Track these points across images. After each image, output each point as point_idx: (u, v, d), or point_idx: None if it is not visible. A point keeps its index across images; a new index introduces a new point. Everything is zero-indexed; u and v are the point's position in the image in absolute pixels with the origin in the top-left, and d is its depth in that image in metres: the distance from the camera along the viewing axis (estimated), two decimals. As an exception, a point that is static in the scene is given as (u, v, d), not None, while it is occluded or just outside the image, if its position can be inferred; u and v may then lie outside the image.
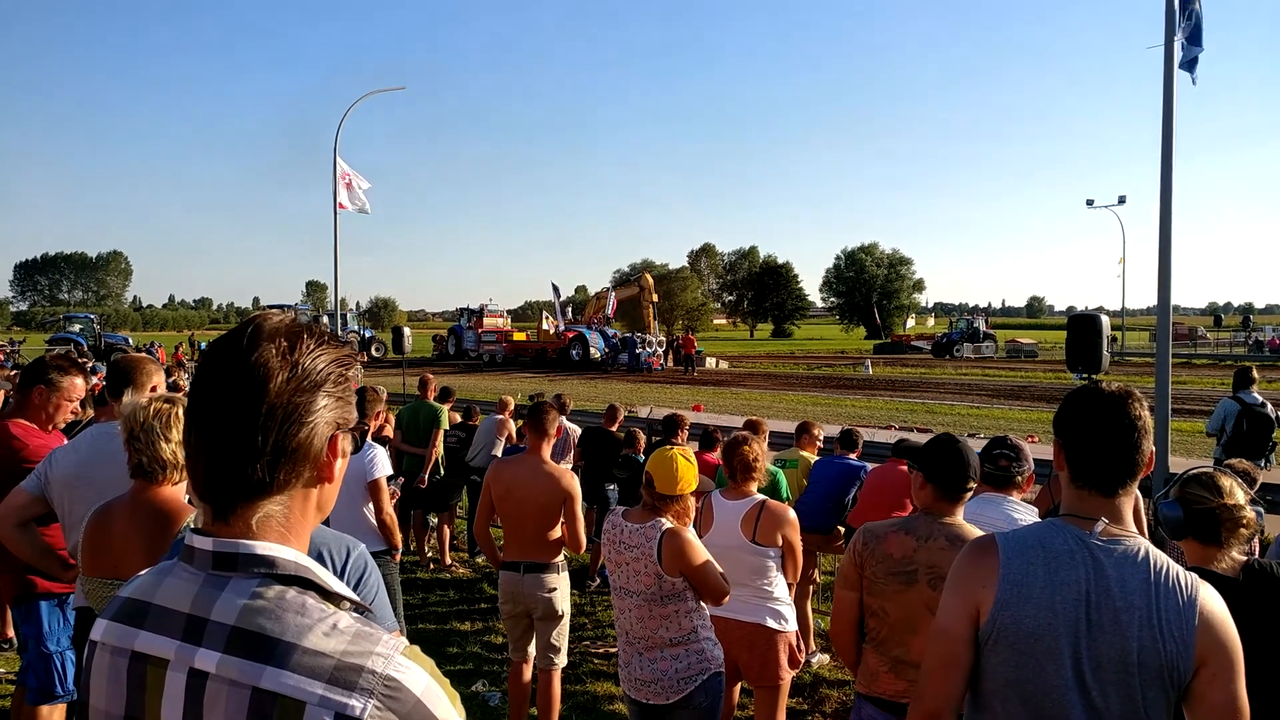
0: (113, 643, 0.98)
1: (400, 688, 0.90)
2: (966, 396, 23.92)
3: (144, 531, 2.28)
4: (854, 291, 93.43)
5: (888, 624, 2.71)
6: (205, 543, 0.97)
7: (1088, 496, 1.71)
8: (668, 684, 3.04)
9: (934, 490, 2.73)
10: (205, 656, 0.92)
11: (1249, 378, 8.63)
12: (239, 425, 0.95)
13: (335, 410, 1.02)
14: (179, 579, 0.98)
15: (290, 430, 0.97)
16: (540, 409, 4.45)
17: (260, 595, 0.94)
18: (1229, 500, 2.32)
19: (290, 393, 0.97)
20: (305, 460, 0.99)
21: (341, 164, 18.18)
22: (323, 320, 36.00)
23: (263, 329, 0.99)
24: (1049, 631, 1.61)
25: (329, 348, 1.02)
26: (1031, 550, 1.68)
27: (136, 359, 3.24)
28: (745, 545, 3.49)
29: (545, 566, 4.23)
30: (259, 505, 0.98)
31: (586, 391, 24.16)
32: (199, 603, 0.94)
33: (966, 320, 52.30)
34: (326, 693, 0.88)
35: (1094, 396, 1.75)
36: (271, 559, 0.96)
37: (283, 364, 0.97)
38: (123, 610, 1.00)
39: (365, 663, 0.90)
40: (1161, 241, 6.77)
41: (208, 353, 1.02)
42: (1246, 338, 49.51)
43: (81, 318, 43.29)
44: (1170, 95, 6.67)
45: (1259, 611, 2.22)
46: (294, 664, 0.89)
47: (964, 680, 1.71)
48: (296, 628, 0.91)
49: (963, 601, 1.71)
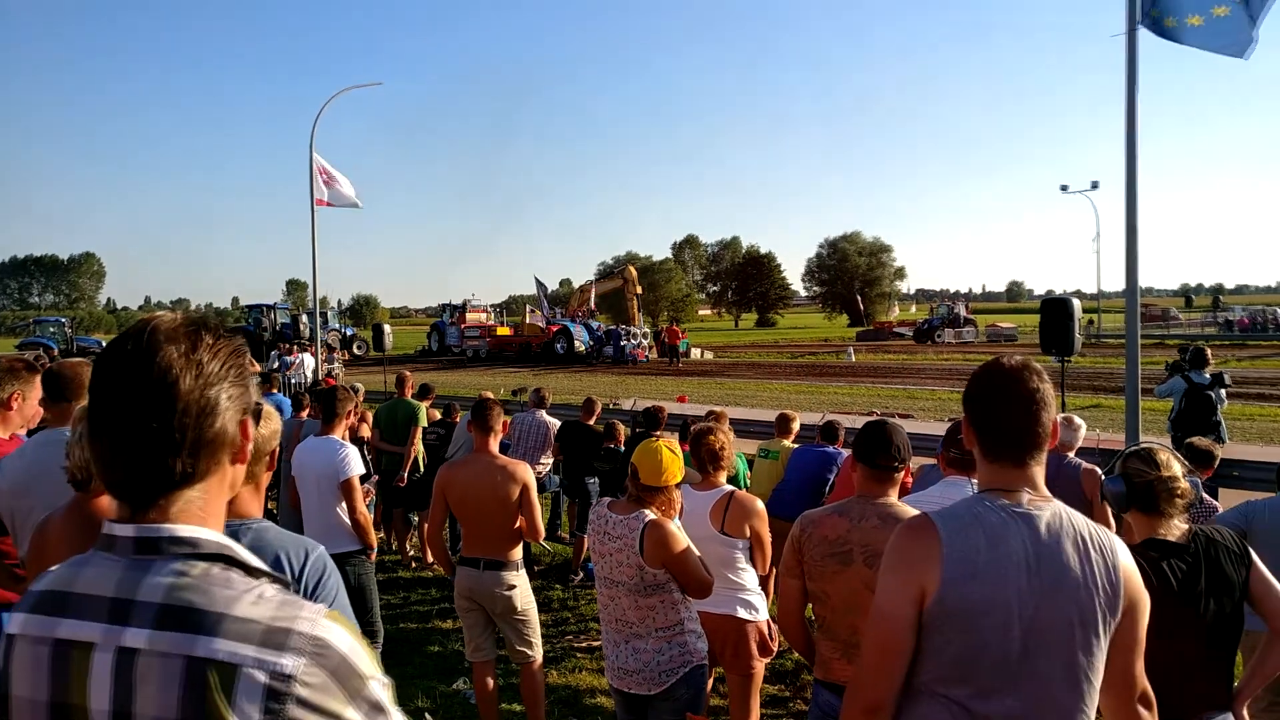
0: (33, 633, 1.00)
1: (328, 645, 0.96)
2: (948, 381, 24.10)
3: (77, 543, 2.26)
4: (837, 280, 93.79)
5: (830, 607, 2.76)
6: (126, 529, 1.01)
7: (1001, 469, 1.74)
8: (650, 674, 3.07)
9: (864, 471, 2.80)
10: (134, 634, 0.95)
11: (1204, 358, 8.92)
12: (156, 426, 1.00)
13: (240, 398, 1.07)
14: (99, 567, 1.01)
15: (205, 424, 1.02)
16: (484, 406, 4.47)
17: (185, 573, 0.98)
18: (1165, 473, 2.43)
19: (199, 389, 1.02)
20: (222, 448, 1.05)
21: (319, 159, 18.04)
22: (303, 319, 35.69)
23: (159, 330, 1.03)
24: (999, 605, 1.61)
25: (224, 341, 1.08)
26: (969, 525, 1.67)
27: (75, 365, 3.20)
28: (714, 536, 3.52)
29: (504, 564, 4.25)
30: (180, 494, 1.03)
31: (571, 385, 24.15)
32: (123, 586, 0.98)
33: (947, 306, 52.68)
34: (259, 654, 0.93)
35: (994, 372, 1.80)
36: (194, 539, 1.01)
37: (187, 364, 1.02)
38: (40, 602, 1.02)
39: (293, 625, 0.96)
40: (1128, 227, 6.84)
41: (106, 357, 1.05)
42: (1216, 318, 50.23)
43: (53, 321, 42.76)
44: (1133, 86, 6.71)
45: (1210, 571, 2.35)
46: (224, 631, 0.94)
47: (905, 667, 1.68)
48: (224, 599, 0.96)
49: (904, 583, 1.68)
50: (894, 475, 2.80)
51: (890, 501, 2.77)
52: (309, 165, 18.41)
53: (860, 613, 2.66)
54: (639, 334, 36.42)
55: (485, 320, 42.26)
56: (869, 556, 2.65)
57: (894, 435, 2.82)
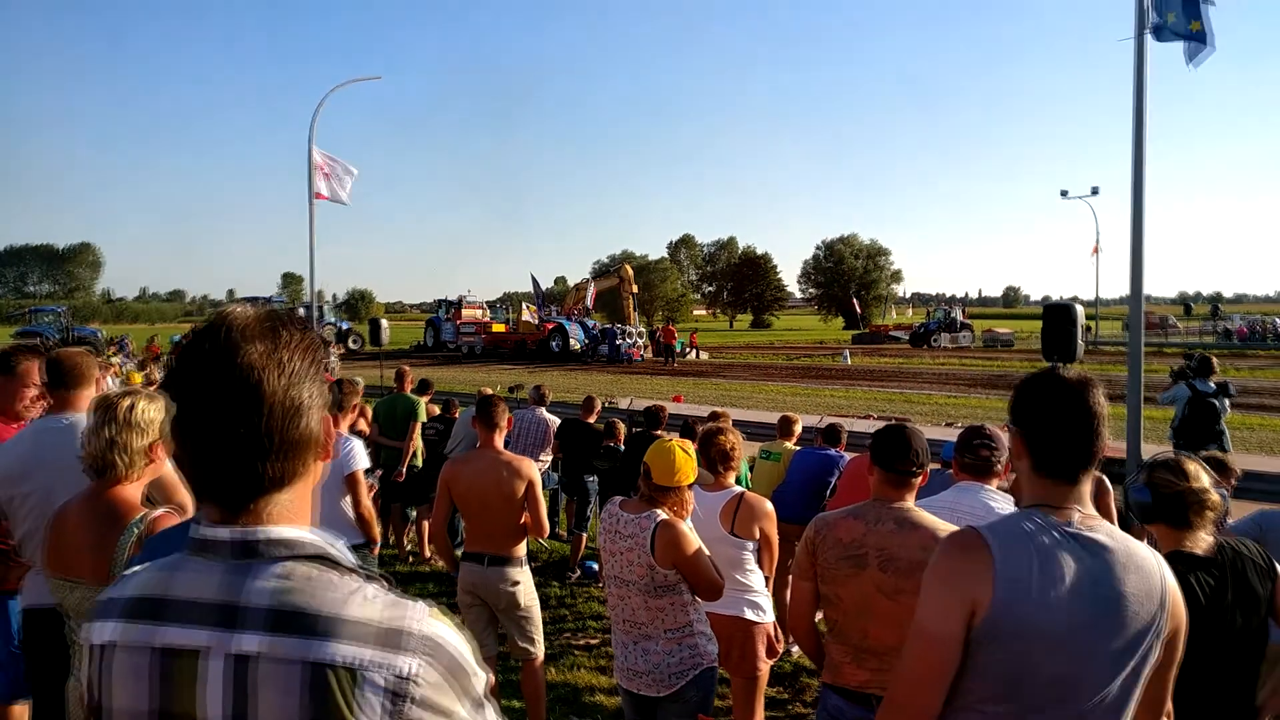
0: (130, 641, 0.98)
1: (439, 644, 0.97)
2: (944, 386, 24.15)
3: (93, 530, 2.24)
4: (833, 282, 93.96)
5: (842, 610, 2.73)
6: (222, 533, 0.99)
7: (1055, 486, 1.69)
8: (659, 676, 3.05)
9: (881, 475, 2.78)
10: (246, 640, 0.93)
11: (1209, 367, 8.88)
12: (244, 431, 0.97)
13: (322, 394, 1.05)
14: (196, 571, 0.99)
15: (293, 425, 1.00)
16: (489, 402, 4.45)
17: (289, 576, 0.97)
18: (1195, 484, 2.37)
19: (284, 389, 0.99)
20: (310, 448, 1.03)
21: (320, 153, 17.94)
22: (298, 311, 35.58)
23: (237, 327, 0.99)
24: (1049, 626, 1.57)
25: (303, 335, 1.04)
26: (1020, 543, 1.62)
27: (75, 354, 3.16)
28: (723, 537, 3.50)
29: (508, 560, 4.24)
30: (272, 497, 1.00)
31: (566, 383, 24.11)
32: (227, 590, 0.96)
33: (944, 310, 52.81)
34: (377, 656, 0.93)
35: (1056, 386, 1.72)
36: (293, 541, 0.99)
37: (271, 364, 0.99)
38: (133, 608, 0.99)
39: (405, 625, 0.96)
40: (1134, 234, 6.84)
41: (186, 358, 1.00)
42: (1215, 326, 50.41)
43: (50, 311, 42.52)
44: (1141, 91, 6.71)
45: (1237, 585, 2.31)
46: (341, 633, 0.93)
47: (949, 684, 1.62)
48: (334, 601, 0.95)
49: (954, 600, 1.60)
50: (912, 480, 2.77)
51: (907, 506, 2.75)
52: (308, 159, 18.32)
53: (872, 617, 2.65)
54: (634, 333, 36.41)
55: (481, 317, 42.19)
56: (884, 561, 2.63)
57: (913, 439, 2.79)
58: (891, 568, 2.61)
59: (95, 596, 2.18)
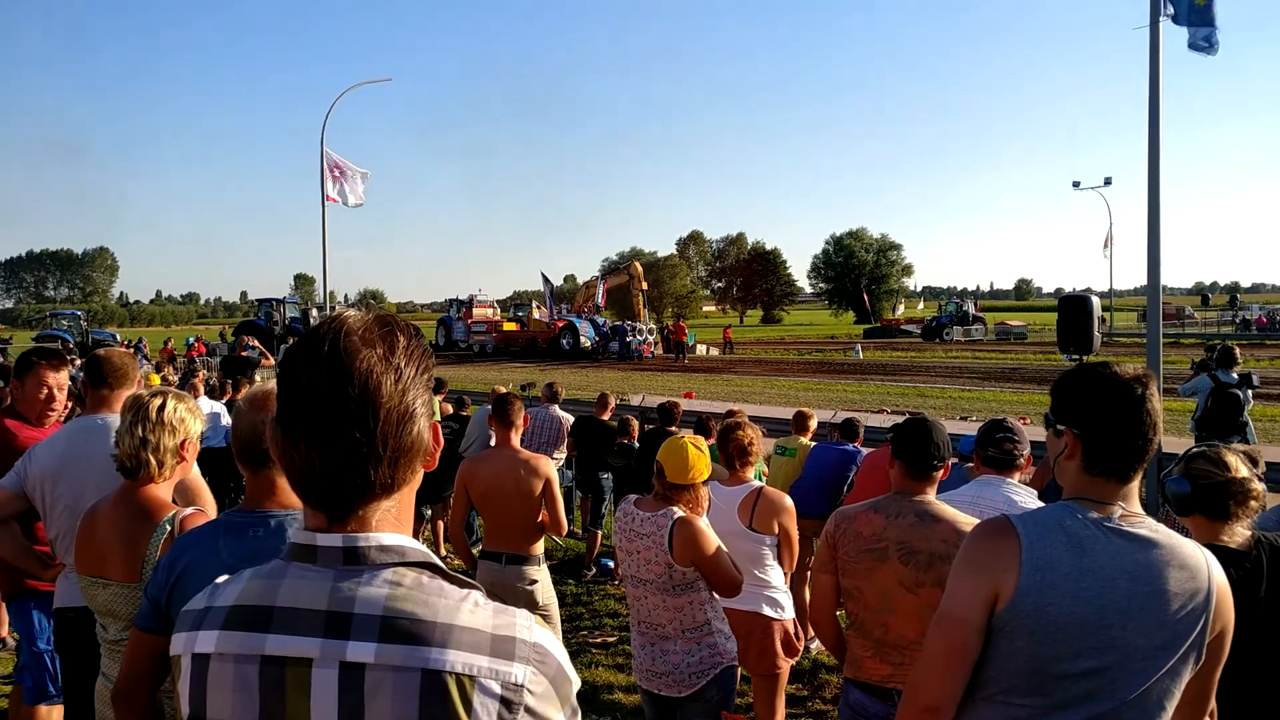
0: (235, 651, 0.96)
1: (547, 653, 0.98)
2: (957, 379, 24.02)
3: (123, 528, 2.25)
4: (843, 277, 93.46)
5: (864, 604, 2.72)
6: (331, 539, 0.98)
7: (1105, 483, 1.65)
8: (679, 676, 3.03)
9: (902, 468, 2.76)
10: (359, 648, 0.92)
11: (1232, 357, 8.77)
12: (359, 436, 0.96)
13: (429, 402, 1.04)
14: (302, 579, 0.97)
15: (405, 431, 0.99)
16: (505, 400, 4.44)
17: (398, 583, 0.96)
18: (1236, 474, 2.33)
19: (399, 395, 0.98)
20: (418, 455, 1.02)
21: (332, 155, 18.00)
22: (313, 313, 35.76)
23: (353, 332, 0.98)
24: (1075, 619, 1.54)
25: (415, 341, 1.03)
26: (1053, 533, 1.59)
27: (119, 354, 3.19)
28: (742, 532, 3.48)
29: (526, 558, 4.24)
30: (380, 503, 0.99)
31: (578, 380, 24.11)
32: (336, 598, 0.95)
33: (955, 303, 52.44)
34: (491, 664, 0.93)
35: (1115, 385, 1.65)
36: (400, 548, 0.99)
37: (387, 369, 0.98)
38: (236, 617, 0.98)
39: (514, 633, 0.96)
40: (1150, 223, 6.78)
41: (299, 362, 0.98)
42: (1234, 317, 49.88)
43: (69, 314, 42.88)
44: (1156, 78, 6.65)
45: (1272, 580, 2.26)
46: (455, 641, 0.93)
47: (969, 672, 1.61)
48: (445, 608, 0.95)
49: (978, 585, 1.60)
50: (933, 474, 2.75)
51: (928, 500, 2.73)
52: (320, 161, 18.37)
53: (893, 611, 2.64)
54: (645, 330, 36.39)
55: (492, 316, 42.28)
56: (905, 554, 2.62)
57: (935, 433, 2.77)
58: (912, 561, 2.60)
59: (125, 595, 2.20)
